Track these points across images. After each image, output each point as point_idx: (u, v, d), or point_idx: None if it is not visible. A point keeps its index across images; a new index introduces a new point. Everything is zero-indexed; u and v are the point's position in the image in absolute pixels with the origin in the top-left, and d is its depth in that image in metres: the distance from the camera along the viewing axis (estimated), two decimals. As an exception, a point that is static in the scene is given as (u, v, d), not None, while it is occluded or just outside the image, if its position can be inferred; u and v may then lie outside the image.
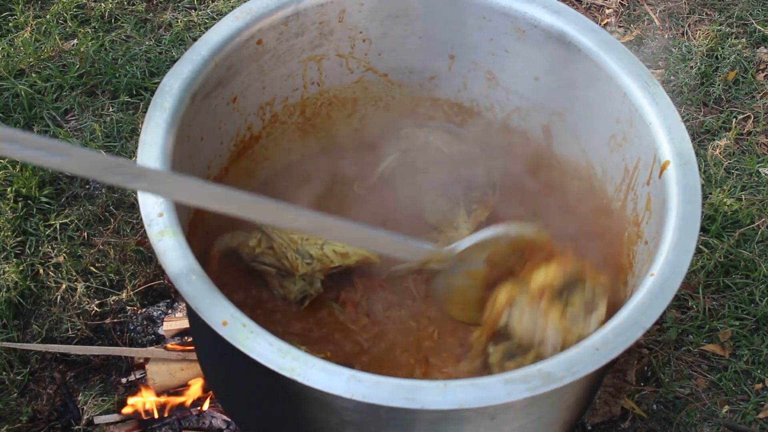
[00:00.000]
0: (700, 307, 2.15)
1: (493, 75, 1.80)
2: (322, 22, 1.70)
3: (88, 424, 1.92)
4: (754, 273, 2.20)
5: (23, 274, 2.10)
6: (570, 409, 1.48)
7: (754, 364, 2.08)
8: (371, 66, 1.83)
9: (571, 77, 1.68)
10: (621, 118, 1.60)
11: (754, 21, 2.81)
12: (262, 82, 1.71)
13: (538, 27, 1.67)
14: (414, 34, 1.78)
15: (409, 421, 1.27)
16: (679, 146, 1.47)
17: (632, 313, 1.28)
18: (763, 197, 2.35)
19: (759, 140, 2.51)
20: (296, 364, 1.18)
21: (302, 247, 1.64)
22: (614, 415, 1.96)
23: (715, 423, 1.98)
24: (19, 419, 1.92)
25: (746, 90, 2.64)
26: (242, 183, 1.82)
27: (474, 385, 1.18)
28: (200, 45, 1.55)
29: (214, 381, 1.71)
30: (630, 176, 1.60)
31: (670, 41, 2.77)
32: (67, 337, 2.05)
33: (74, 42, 2.61)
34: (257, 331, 1.21)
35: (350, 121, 1.92)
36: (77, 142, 2.36)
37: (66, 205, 2.25)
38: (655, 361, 2.07)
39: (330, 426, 1.34)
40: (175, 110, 1.45)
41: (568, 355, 1.23)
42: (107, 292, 2.11)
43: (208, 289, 1.25)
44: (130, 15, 2.71)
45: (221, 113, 1.65)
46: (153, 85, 2.50)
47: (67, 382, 1.99)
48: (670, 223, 1.39)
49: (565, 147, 1.80)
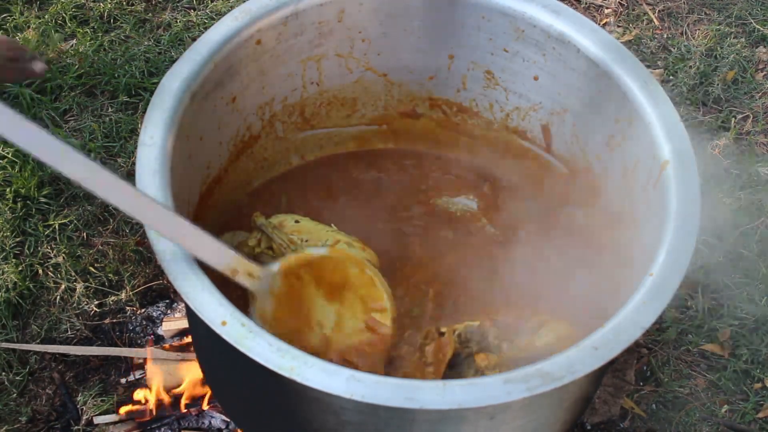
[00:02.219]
0: (699, 306, 2.15)
1: (493, 75, 1.80)
2: (321, 22, 1.70)
3: (88, 425, 1.92)
4: (753, 273, 2.20)
5: (22, 274, 2.10)
6: (569, 408, 1.48)
7: (753, 364, 2.08)
8: (370, 66, 1.83)
9: (571, 77, 1.68)
10: (620, 118, 1.60)
11: (753, 20, 2.81)
12: (261, 82, 1.71)
13: (537, 27, 1.67)
14: (413, 34, 1.78)
15: (408, 420, 1.27)
16: (679, 146, 1.47)
17: (631, 313, 1.28)
18: (761, 197, 2.35)
19: (758, 140, 2.52)
20: (295, 363, 1.18)
21: (301, 248, 1.64)
22: (613, 415, 1.96)
23: (715, 422, 1.98)
24: (18, 420, 1.92)
25: (745, 90, 2.64)
26: (242, 183, 1.82)
27: (473, 385, 1.18)
28: (199, 45, 1.55)
29: (213, 381, 1.71)
30: (629, 176, 1.60)
31: (669, 41, 2.77)
32: (67, 338, 2.05)
33: (73, 42, 2.61)
34: (256, 330, 1.21)
35: (349, 121, 1.92)
36: (76, 142, 2.36)
37: (65, 205, 2.25)
38: (655, 360, 2.07)
39: (329, 425, 1.34)
40: (175, 110, 1.45)
41: (567, 354, 1.23)
42: (106, 293, 2.11)
43: (207, 288, 1.25)
44: (129, 15, 2.71)
45: (220, 113, 1.65)
46: (152, 85, 2.50)
47: (66, 383, 1.99)
48: (669, 223, 1.39)
49: (564, 147, 1.80)
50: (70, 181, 1.23)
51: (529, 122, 1.83)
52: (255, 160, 1.83)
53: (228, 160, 1.74)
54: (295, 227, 1.66)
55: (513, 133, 1.87)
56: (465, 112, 1.90)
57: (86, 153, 1.17)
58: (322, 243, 1.64)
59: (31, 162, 2.28)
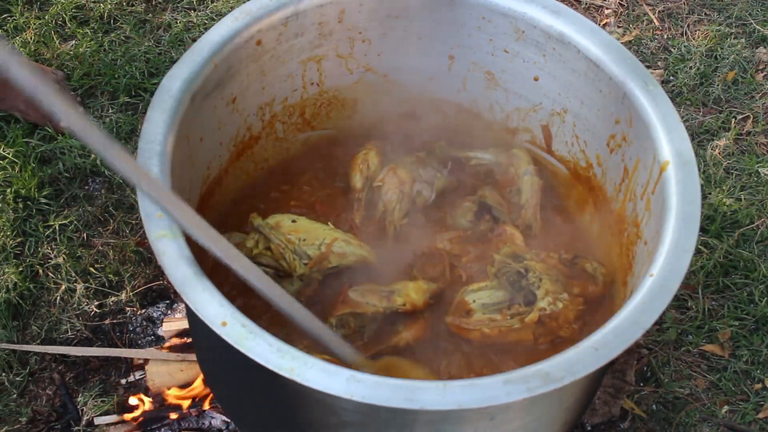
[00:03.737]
0: (699, 307, 2.15)
1: (493, 75, 1.80)
2: (321, 23, 1.70)
3: (88, 425, 1.92)
4: (753, 273, 2.20)
5: (22, 275, 2.10)
6: (569, 409, 1.48)
7: (753, 364, 2.08)
8: (371, 66, 1.83)
9: (571, 78, 1.68)
10: (621, 118, 1.60)
11: (753, 21, 2.81)
12: (261, 82, 1.71)
13: (537, 27, 1.67)
14: (413, 35, 1.78)
15: (408, 421, 1.27)
16: (679, 146, 1.47)
17: (632, 314, 1.28)
18: (762, 197, 2.35)
19: (758, 140, 2.51)
20: (295, 364, 1.18)
21: (300, 248, 1.64)
22: (614, 416, 1.96)
23: (715, 423, 1.98)
24: (18, 420, 1.92)
25: (745, 90, 2.64)
26: (241, 183, 1.82)
27: (473, 386, 1.18)
28: (200, 46, 1.55)
29: (213, 381, 1.71)
30: (630, 176, 1.60)
31: (669, 41, 2.77)
32: (67, 338, 2.05)
33: (73, 43, 2.61)
34: (256, 331, 1.21)
35: (350, 122, 1.92)
36: (77, 143, 2.36)
37: (65, 206, 2.25)
38: (655, 361, 2.07)
39: (329, 426, 1.34)
40: (175, 111, 1.45)
41: (567, 355, 1.23)
42: (106, 293, 2.11)
43: (207, 289, 1.25)
44: (130, 16, 2.71)
45: (221, 114, 1.65)
46: (152, 85, 2.50)
47: (66, 383, 1.99)
48: (669, 224, 1.39)
49: (565, 147, 1.80)
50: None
51: (529, 123, 1.83)
52: (255, 161, 1.83)
53: (228, 161, 1.74)
54: (292, 227, 1.66)
55: (513, 133, 1.87)
56: (465, 113, 1.90)
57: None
58: (319, 242, 1.65)
59: (32, 163, 2.28)
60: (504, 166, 1.83)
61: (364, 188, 1.78)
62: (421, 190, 1.79)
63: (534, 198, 1.78)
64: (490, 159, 1.84)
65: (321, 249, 1.64)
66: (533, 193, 1.78)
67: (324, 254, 1.64)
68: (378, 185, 1.77)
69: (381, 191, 1.77)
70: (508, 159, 1.83)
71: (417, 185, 1.79)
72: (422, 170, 1.80)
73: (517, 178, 1.80)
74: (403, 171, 1.78)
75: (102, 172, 2.31)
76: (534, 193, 1.78)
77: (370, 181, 1.79)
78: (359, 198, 1.78)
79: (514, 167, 1.81)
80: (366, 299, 1.59)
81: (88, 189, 2.29)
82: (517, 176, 1.80)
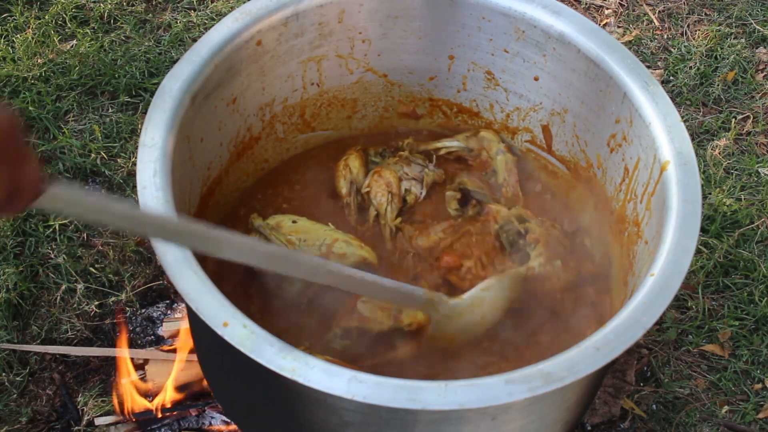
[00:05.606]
0: (699, 307, 2.15)
1: (493, 75, 1.80)
2: (321, 23, 1.70)
3: (88, 425, 1.92)
4: (753, 273, 2.20)
5: (23, 275, 2.10)
6: (570, 409, 1.48)
7: (753, 364, 2.08)
8: (371, 66, 1.83)
9: (571, 78, 1.68)
10: (621, 118, 1.60)
11: (753, 21, 2.81)
12: (261, 83, 1.71)
13: (537, 27, 1.67)
14: (413, 35, 1.78)
15: (410, 421, 1.27)
16: (679, 146, 1.47)
17: (633, 313, 1.28)
18: (762, 197, 2.35)
19: (758, 140, 2.52)
20: (297, 364, 1.18)
21: (300, 249, 1.64)
22: (614, 416, 1.96)
23: (715, 423, 1.98)
24: (18, 420, 1.92)
25: (745, 90, 2.64)
26: (242, 184, 1.82)
27: (475, 386, 1.18)
28: (200, 46, 1.55)
29: (214, 381, 1.71)
30: (630, 176, 1.60)
31: (669, 41, 2.77)
32: (67, 338, 2.04)
33: (73, 43, 2.61)
34: (258, 332, 1.21)
35: (350, 122, 1.92)
36: (77, 143, 2.36)
37: (65, 206, 2.25)
38: (655, 361, 2.07)
39: (331, 426, 1.34)
40: (175, 111, 1.45)
41: (568, 355, 1.23)
42: (106, 293, 2.11)
43: (208, 289, 1.25)
44: (130, 16, 2.71)
45: (221, 114, 1.65)
46: (152, 85, 2.50)
47: (66, 383, 1.99)
48: (670, 223, 1.39)
49: (565, 147, 1.80)
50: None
51: (529, 123, 1.83)
52: (255, 161, 1.83)
53: (228, 161, 1.74)
54: (292, 228, 1.67)
55: (513, 133, 1.87)
56: (465, 113, 1.90)
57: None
58: (319, 243, 1.65)
59: (32, 163, 2.27)
60: (476, 151, 1.87)
61: (351, 192, 1.80)
62: (409, 187, 1.81)
63: (512, 175, 1.83)
64: (459, 145, 1.88)
65: (321, 250, 1.64)
66: (509, 170, 1.83)
67: (324, 255, 1.64)
68: (366, 191, 1.79)
69: (370, 196, 1.78)
70: (478, 143, 1.87)
71: (405, 183, 1.81)
72: (407, 168, 1.82)
73: (490, 160, 1.84)
74: (387, 172, 1.80)
75: (102, 172, 2.31)
76: (510, 170, 1.83)
77: (355, 185, 1.80)
78: (348, 203, 1.79)
79: (485, 150, 1.85)
80: (375, 315, 1.59)
81: (88, 189, 2.29)
82: (491, 158, 1.84)
